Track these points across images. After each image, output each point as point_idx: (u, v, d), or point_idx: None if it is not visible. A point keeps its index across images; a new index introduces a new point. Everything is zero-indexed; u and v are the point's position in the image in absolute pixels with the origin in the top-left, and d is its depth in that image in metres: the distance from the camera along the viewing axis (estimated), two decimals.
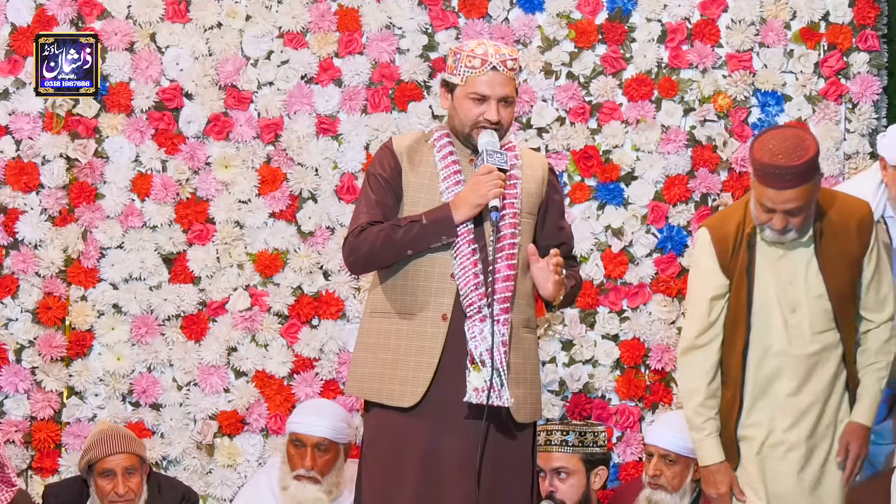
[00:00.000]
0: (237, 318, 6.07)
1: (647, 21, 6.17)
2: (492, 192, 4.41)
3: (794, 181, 4.50)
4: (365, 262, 4.53)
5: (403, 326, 4.49)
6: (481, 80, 4.50)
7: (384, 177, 4.56)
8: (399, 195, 4.55)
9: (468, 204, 4.43)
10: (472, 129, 4.52)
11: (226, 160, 6.13)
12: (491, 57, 4.50)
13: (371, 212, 4.52)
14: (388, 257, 4.48)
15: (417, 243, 4.45)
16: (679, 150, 6.13)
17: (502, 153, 4.49)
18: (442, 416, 4.44)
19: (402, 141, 4.64)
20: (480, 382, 4.39)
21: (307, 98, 6.14)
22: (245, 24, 6.18)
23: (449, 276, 4.46)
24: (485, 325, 4.40)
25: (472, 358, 4.41)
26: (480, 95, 4.50)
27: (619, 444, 6.03)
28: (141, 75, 6.14)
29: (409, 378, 4.45)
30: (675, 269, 6.10)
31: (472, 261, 4.44)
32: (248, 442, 6.05)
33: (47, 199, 6.09)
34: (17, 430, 6.03)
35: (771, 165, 4.49)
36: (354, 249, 4.50)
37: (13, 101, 6.13)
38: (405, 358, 4.47)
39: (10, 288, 6.06)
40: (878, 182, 5.32)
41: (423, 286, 4.48)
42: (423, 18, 6.17)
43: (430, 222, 4.43)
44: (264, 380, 6.06)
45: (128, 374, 6.06)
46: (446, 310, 4.46)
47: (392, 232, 4.45)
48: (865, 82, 6.13)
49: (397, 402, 4.46)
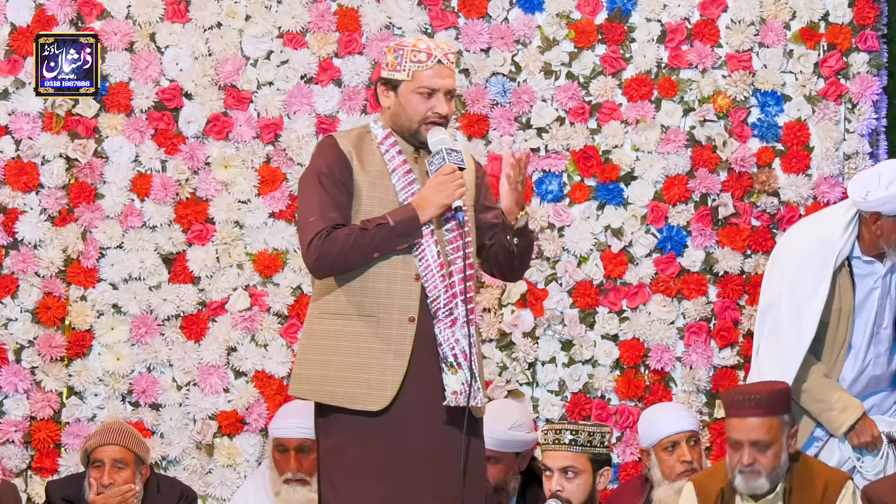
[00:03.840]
0: (237, 318, 6.07)
1: (646, 21, 6.17)
2: (457, 191, 4.37)
3: (758, 409, 4.78)
4: (332, 265, 4.39)
5: (363, 329, 4.39)
6: (428, 73, 4.44)
7: (337, 177, 4.44)
8: (352, 194, 4.44)
9: (434, 205, 4.36)
10: (420, 124, 4.45)
11: (225, 160, 6.14)
12: (435, 50, 4.46)
13: (332, 214, 4.40)
14: (356, 261, 4.37)
15: (385, 246, 4.37)
16: (679, 150, 6.13)
17: (458, 151, 4.44)
18: (412, 420, 4.36)
19: (347, 138, 4.52)
20: (459, 385, 4.35)
21: (307, 98, 6.14)
22: (245, 24, 6.18)
23: (413, 277, 4.39)
24: (456, 327, 4.37)
25: (446, 360, 4.36)
26: (429, 89, 4.44)
27: (619, 444, 6.03)
28: (141, 75, 6.15)
29: (375, 381, 4.35)
30: (674, 270, 6.10)
31: (437, 263, 4.38)
32: (248, 442, 6.05)
33: (47, 199, 6.09)
34: (17, 429, 6.03)
35: (736, 392, 4.89)
36: (324, 254, 4.36)
37: (13, 101, 6.13)
38: (368, 361, 4.37)
39: (9, 288, 6.06)
40: (849, 220, 5.32)
41: (385, 288, 4.39)
42: (423, 18, 6.17)
43: (398, 224, 4.35)
44: (264, 380, 6.06)
45: (127, 374, 6.07)
46: (413, 312, 4.38)
47: (361, 235, 4.34)
48: (865, 82, 6.12)
49: (363, 405, 4.35)
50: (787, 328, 5.30)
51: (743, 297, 6.08)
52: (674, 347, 6.07)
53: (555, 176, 6.14)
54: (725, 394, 4.97)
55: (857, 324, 5.32)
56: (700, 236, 6.10)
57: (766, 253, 6.02)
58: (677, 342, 6.08)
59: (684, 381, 6.06)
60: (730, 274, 6.08)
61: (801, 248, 5.36)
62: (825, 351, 5.31)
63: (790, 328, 5.28)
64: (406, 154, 4.50)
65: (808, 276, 5.28)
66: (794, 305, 5.28)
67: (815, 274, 5.27)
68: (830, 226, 5.35)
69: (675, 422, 5.48)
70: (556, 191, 6.13)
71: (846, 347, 5.29)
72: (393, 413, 4.36)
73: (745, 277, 6.08)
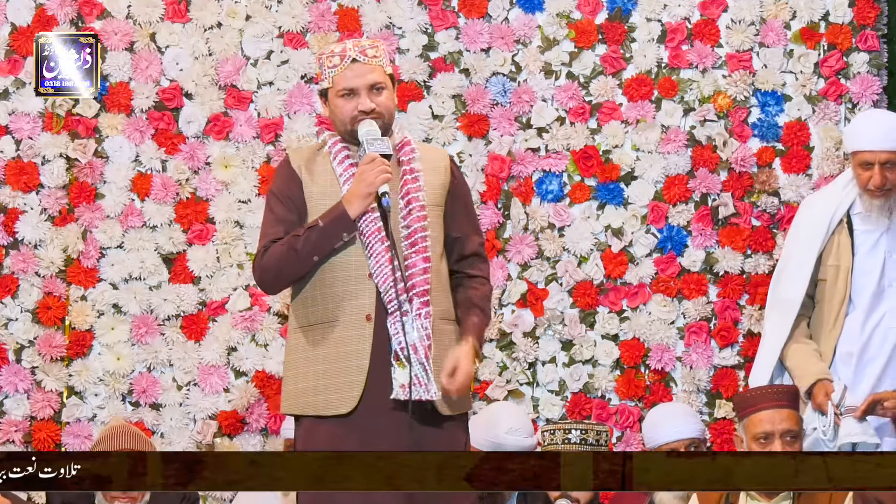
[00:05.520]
0: (237, 317, 6.07)
1: (646, 21, 6.17)
2: (378, 178, 4.35)
3: (788, 401, 4.84)
4: (275, 279, 4.45)
5: (328, 334, 4.40)
6: (345, 75, 4.45)
7: (284, 193, 4.49)
8: (302, 209, 4.48)
9: (358, 196, 4.36)
10: (352, 125, 4.45)
11: (226, 160, 6.14)
12: (349, 50, 4.47)
13: (273, 230, 4.45)
14: (296, 268, 4.40)
15: (320, 246, 4.38)
16: (679, 150, 6.13)
17: (383, 140, 4.42)
18: (376, 418, 4.36)
19: (300, 154, 4.58)
20: (405, 378, 4.33)
21: (307, 98, 6.14)
22: (245, 24, 6.18)
23: (366, 276, 4.39)
24: (406, 319, 4.36)
25: (395, 355, 4.35)
26: (348, 90, 4.45)
27: (619, 444, 6.03)
28: (141, 75, 6.15)
29: (342, 384, 4.36)
30: (674, 269, 6.10)
31: (386, 258, 4.37)
32: (248, 442, 6.06)
33: (47, 199, 6.09)
34: (17, 429, 6.03)
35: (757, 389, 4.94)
36: (263, 269, 4.43)
37: (13, 101, 6.14)
38: (335, 365, 4.38)
39: (9, 288, 6.06)
40: (848, 178, 5.35)
41: (340, 291, 4.40)
42: (423, 18, 6.17)
43: (327, 223, 4.38)
44: (264, 380, 6.07)
45: (128, 373, 6.07)
46: (369, 310, 4.38)
47: (294, 242, 4.38)
48: (865, 82, 6.12)
49: (334, 410, 4.37)
50: (782, 288, 5.38)
51: (743, 296, 6.08)
52: (674, 347, 6.07)
53: (555, 176, 6.14)
54: (745, 393, 4.96)
55: (861, 281, 5.29)
56: (700, 236, 6.10)
57: (766, 253, 6.03)
58: (677, 342, 6.08)
59: (684, 380, 6.06)
60: (730, 274, 6.08)
61: (801, 209, 5.52)
62: (825, 309, 5.30)
63: (785, 288, 5.36)
64: (354, 158, 4.50)
65: (802, 233, 5.38)
66: (785, 262, 5.38)
67: (809, 232, 5.34)
68: (832, 184, 5.47)
69: (676, 429, 5.45)
70: (556, 191, 6.13)
71: (846, 304, 5.28)
72: (360, 413, 4.35)
73: (745, 277, 6.08)
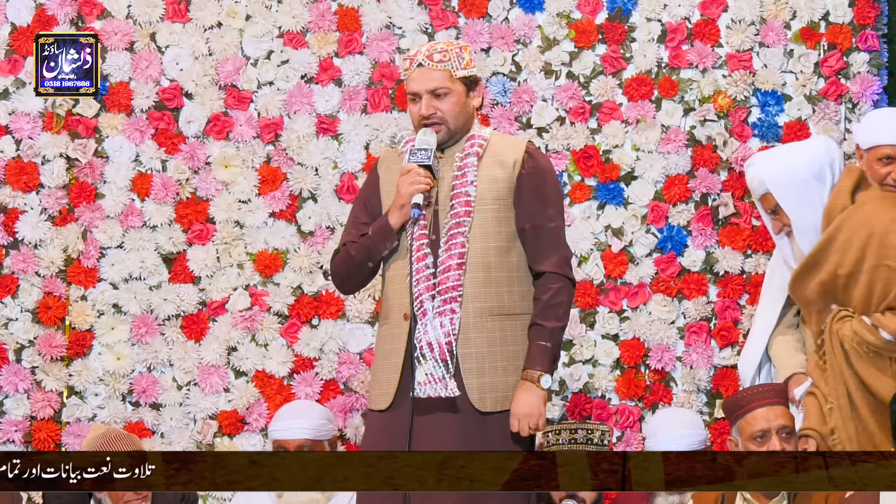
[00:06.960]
0: (237, 317, 6.07)
1: (647, 21, 6.18)
2: (410, 188, 4.50)
3: (780, 398, 4.84)
4: (342, 282, 4.73)
5: (383, 332, 4.63)
6: (410, 79, 4.61)
7: (365, 194, 4.74)
8: (377, 208, 4.67)
9: (395, 207, 4.55)
10: (420, 128, 4.60)
11: (226, 160, 6.14)
12: (418, 55, 4.61)
13: (348, 232, 4.71)
14: (356, 273, 4.67)
15: (372, 253, 4.61)
16: (679, 150, 6.13)
17: (426, 149, 4.54)
18: (416, 414, 4.46)
19: (386, 154, 4.80)
20: (422, 376, 4.45)
21: (307, 98, 6.14)
22: (245, 24, 6.18)
23: (406, 276, 4.54)
24: (426, 318, 4.45)
25: (419, 353, 4.47)
26: (413, 94, 4.61)
27: (619, 444, 6.03)
28: (141, 75, 6.15)
29: (384, 381, 4.55)
30: (675, 269, 6.10)
31: (420, 258, 4.51)
32: (248, 442, 6.05)
33: (47, 199, 6.09)
34: (17, 429, 6.03)
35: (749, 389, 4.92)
36: (332, 273, 4.76)
37: (13, 100, 6.14)
38: (382, 361, 4.59)
39: (10, 288, 6.06)
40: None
41: (391, 290, 4.61)
42: (423, 18, 6.18)
43: (374, 233, 4.59)
44: (264, 380, 6.07)
45: (128, 373, 6.07)
46: (406, 309, 4.53)
47: (351, 248, 4.63)
48: (865, 82, 6.13)
49: (376, 405, 4.57)
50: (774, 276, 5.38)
51: (743, 296, 6.08)
52: (674, 347, 6.07)
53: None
54: (736, 395, 4.97)
55: None
56: (700, 236, 6.10)
57: (766, 253, 6.03)
58: (677, 342, 6.08)
59: (685, 380, 6.06)
60: (730, 274, 6.08)
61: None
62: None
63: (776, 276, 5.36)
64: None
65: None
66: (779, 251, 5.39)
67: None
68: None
69: (675, 440, 5.44)
70: None
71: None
72: (397, 409, 4.50)
73: (745, 277, 6.08)
